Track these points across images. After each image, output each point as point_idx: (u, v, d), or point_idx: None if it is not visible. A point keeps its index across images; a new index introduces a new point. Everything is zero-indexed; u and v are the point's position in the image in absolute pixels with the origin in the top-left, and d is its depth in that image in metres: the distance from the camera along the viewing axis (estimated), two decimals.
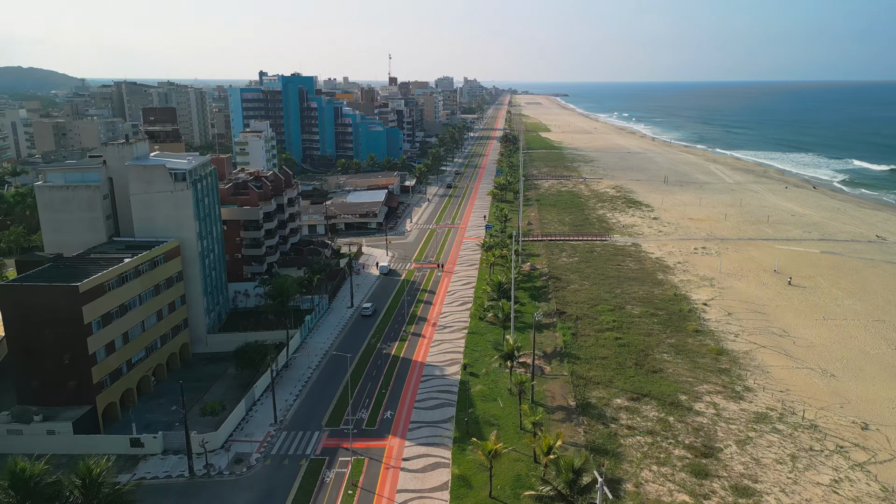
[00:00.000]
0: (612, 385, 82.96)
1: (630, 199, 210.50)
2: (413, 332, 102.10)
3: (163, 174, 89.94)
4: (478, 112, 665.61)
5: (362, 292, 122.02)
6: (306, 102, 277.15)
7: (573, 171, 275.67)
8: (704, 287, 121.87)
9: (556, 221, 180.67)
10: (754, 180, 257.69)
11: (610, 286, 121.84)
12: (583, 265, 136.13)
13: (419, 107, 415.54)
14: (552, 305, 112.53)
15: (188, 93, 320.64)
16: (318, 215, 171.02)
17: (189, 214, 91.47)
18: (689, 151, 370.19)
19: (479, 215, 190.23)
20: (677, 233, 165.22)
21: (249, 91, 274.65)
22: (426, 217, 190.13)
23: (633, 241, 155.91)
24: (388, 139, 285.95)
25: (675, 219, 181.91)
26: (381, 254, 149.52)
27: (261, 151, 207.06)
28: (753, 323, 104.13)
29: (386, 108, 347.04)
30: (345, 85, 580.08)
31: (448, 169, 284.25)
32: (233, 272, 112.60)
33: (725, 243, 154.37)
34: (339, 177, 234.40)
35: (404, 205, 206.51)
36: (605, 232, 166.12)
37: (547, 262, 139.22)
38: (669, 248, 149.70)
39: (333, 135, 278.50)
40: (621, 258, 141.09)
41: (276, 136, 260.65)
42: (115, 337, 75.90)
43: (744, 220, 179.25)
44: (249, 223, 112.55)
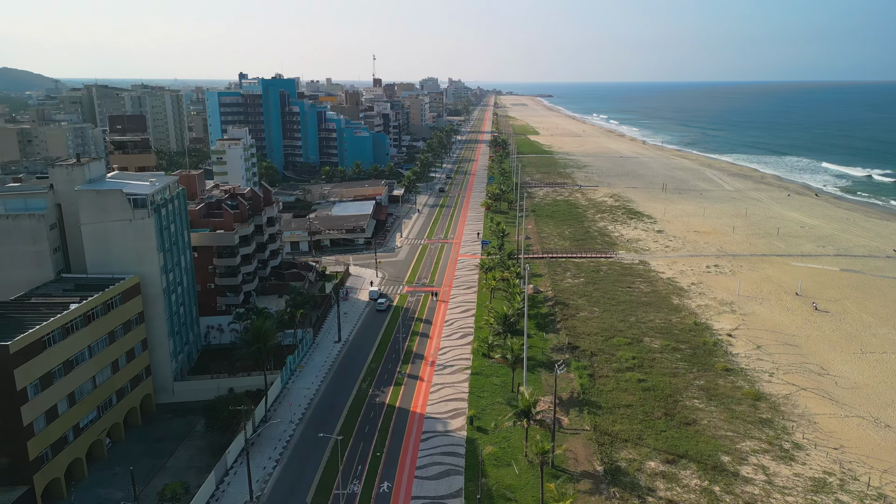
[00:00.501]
0: (642, 442, 72.09)
1: (630, 210, 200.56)
2: (409, 374, 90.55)
3: (119, 200, 77.59)
4: (464, 114, 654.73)
5: (350, 322, 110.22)
6: (288, 107, 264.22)
7: (567, 178, 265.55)
8: (725, 313, 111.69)
9: (555, 235, 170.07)
10: (754, 187, 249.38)
11: (623, 313, 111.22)
12: (590, 287, 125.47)
13: (405, 110, 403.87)
14: (562, 337, 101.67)
15: (163, 96, 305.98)
16: (302, 231, 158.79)
17: (151, 246, 79.19)
18: (682, 156, 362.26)
19: (473, 229, 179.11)
20: (685, 248, 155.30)
21: (228, 95, 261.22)
22: (417, 230, 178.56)
23: (640, 259, 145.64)
24: (375, 145, 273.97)
25: (681, 232, 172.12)
26: (369, 274, 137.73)
27: (239, 160, 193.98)
28: (786, 358, 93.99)
29: (371, 111, 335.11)
30: (328, 87, 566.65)
31: (437, 175, 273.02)
32: (205, 304, 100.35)
33: (738, 260, 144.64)
34: (324, 186, 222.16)
35: (393, 216, 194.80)
36: (610, 247, 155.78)
37: (551, 284, 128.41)
38: (680, 267, 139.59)
39: (317, 141, 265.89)
40: (630, 279, 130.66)
41: (257, 142, 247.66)
42: (58, 400, 63.61)
43: (753, 233, 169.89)
44: (223, 249, 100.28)
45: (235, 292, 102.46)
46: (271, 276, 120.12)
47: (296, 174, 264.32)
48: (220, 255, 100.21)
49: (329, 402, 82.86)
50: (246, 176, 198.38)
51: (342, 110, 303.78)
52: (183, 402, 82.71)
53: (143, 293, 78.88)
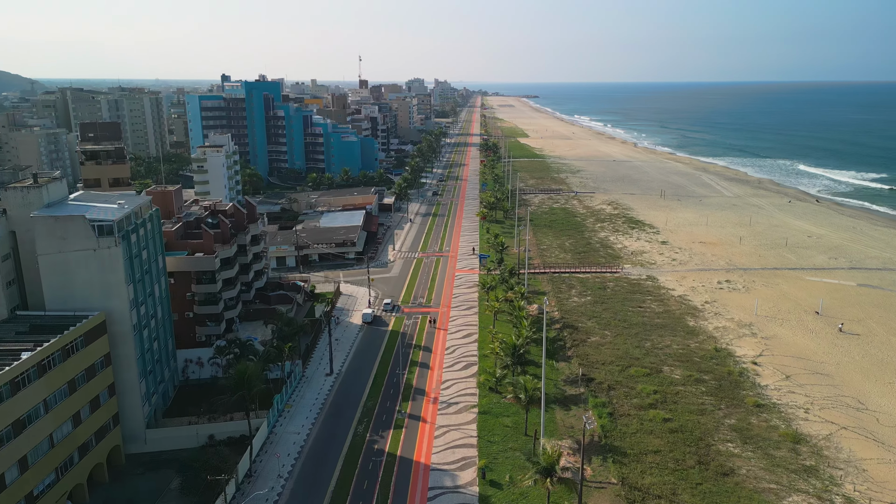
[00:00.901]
0: (677, 499, 64.07)
1: (630, 219, 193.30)
2: (410, 414, 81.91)
3: (82, 227, 68.24)
4: (451, 116, 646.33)
5: (343, 350, 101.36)
6: (272, 111, 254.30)
7: (562, 184, 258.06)
8: (746, 337, 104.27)
9: (555, 247, 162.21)
10: (752, 193, 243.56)
11: (637, 337, 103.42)
12: (598, 307, 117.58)
13: (393, 112, 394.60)
14: (574, 367, 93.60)
15: (142, 99, 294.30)
16: (288, 245, 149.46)
17: (119, 278, 69.92)
18: (674, 159, 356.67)
19: (469, 240, 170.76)
20: (693, 261, 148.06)
21: (209, 99, 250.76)
22: (410, 242, 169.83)
23: (647, 274, 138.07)
24: (363, 150, 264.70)
25: (686, 243, 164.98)
26: (362, 293, 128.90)
27: (221, 168, 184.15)
28: (819, 390, 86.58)
29: (359, 114, 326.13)
30: (313, 89, 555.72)
31: (428, 181, 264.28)
32: (182, 335, 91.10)
33: (750, 275, 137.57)
34: (311, 194, 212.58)
35: (384, 227, 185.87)
36: (614, 261, 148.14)
37: (556, 303, 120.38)
38: (690, 283, 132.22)
39: (303, 146, 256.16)
40: (640, 297, 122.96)
41: (240, 148, 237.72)
42: (7, 468, 54.31)
43: (760, 244, 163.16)
44: (203, 275, 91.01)
45: (216, 321, 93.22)
46: (256, 299, 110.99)
47: (281, 181, 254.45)
48: (200, 280, 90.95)
49: (322, 450, 74.00)
50: (228, 185, 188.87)
51: (329, 114, 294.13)
52: (157, 452, 73.48)
53: (110, 332, 69.60)
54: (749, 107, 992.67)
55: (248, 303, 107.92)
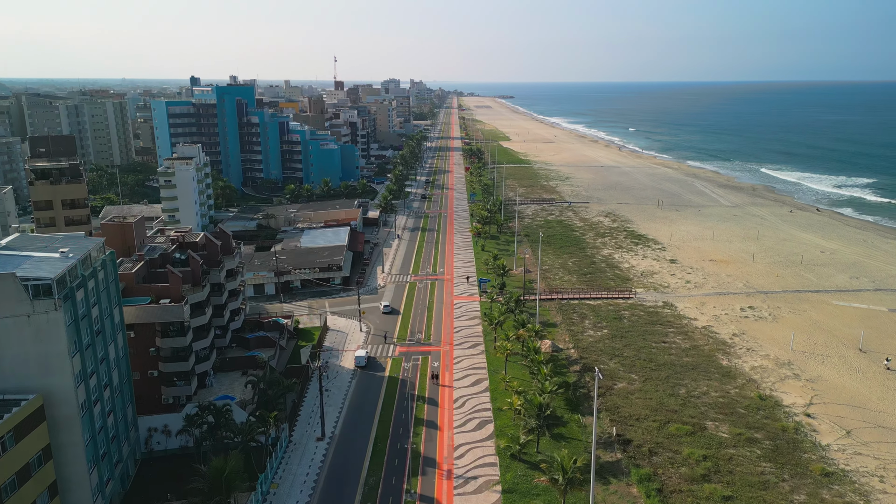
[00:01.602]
0: None
1: (632, 233, 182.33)
2: (422, 495, 68.69)
3: (12, 288, 53.82)
4: (430, 118, 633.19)
5: (335, 403, 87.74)
6: (246, 117, 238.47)
7: (553, 193, 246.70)
8: (788, 380, 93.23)
9: (558, 267, 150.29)
10: (750, 201, 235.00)
11: (668, 382, 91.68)
12: (618, 343, 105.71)
13: (371, 116, 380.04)
14: (604, 423, 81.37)
15: (104, 104, 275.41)
16: (267, 271, 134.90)
17: (60, 350, 55.65)
18: (662, 164, 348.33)
19: (464, 259, 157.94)
20: (708, 283, 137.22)
21: (178, 105, 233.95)
22: (400, 262, 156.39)
23: (663, 300, 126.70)
24: (343, 158, 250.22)
25: (696, 261, 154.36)
26: (351, 328, 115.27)
27: (191, 183, 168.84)
28: (888, 449, 75.65)
29: (337, 119, 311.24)
30: (287, 90, 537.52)
31: (412, 191, 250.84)
32: (145, 398, 76.69)
33: (773, 299, 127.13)
34: (289, 207, 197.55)
35: (371, 244, 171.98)
36: (624, 283, 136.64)
37: (570, 338, 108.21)
38: (712, 310, 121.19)
39: (279, 154, 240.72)
40: (662, 329, 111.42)
41: (211, 157, 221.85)
42: None
43: (774, 261, 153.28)
44: (170, 326, 76.57)
45: (186, 379, 78.82)
46: (233, 343, 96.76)
47: (256, 192, 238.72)
48: (166, 333, 76.47)
49: None
50: (199, 200, 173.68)
51: (306, 119, 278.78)
52: None
53: (50, 417, 55.35)
54: (729, 107, 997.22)
55: (224, 349, 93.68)
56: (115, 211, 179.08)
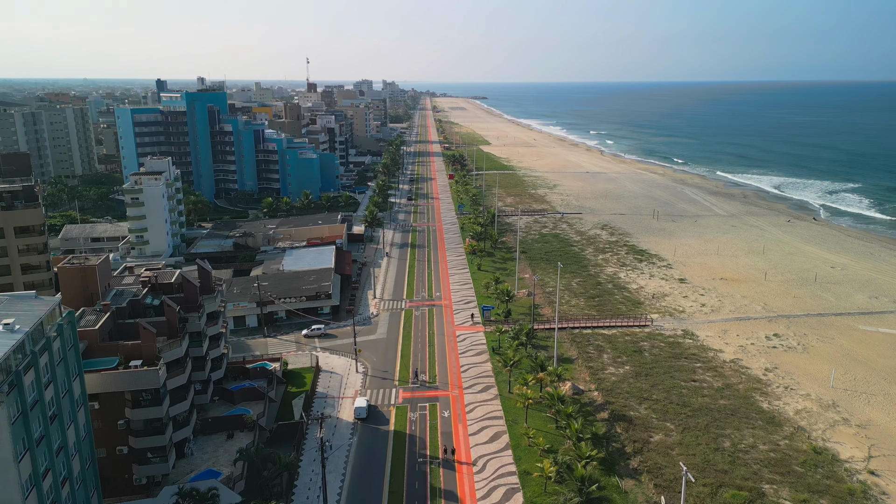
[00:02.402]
0: None
1: (633, 248, 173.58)
2: None
3: None
4: (406, 120, 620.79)
5: (335, 471, 75.97)
6: (218, 125, 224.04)
7: (543, 203, 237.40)
8: (838, 426, 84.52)
9: (562, 288, 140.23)
10: (745, 210, 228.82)
11: (709, 433, 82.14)
12: (643, 381, 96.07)
13: (348, 120, 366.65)
14: (646, 488, 71.35)
15: (64, 111, 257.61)
16: (248, 301, 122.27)
17: (3, 456, 43.33)
18: (647, 169, 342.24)
19: (461, 280, 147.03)
20: (725, 307, 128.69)
21: (144, 112, 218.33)
22: (392, 286, 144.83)
23: (682, 328, 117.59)
24: (322, 167, 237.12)
25: (705, 279, 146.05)
26: (345, 367, 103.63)
27: (160, 200, 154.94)
28: None
29: (314, 125, 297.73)
30: (258, 94, 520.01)
31: (396, 201, 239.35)
32: (113, 480, 64.30)
33: (796, 324, 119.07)
34: (267, 223, 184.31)
35: (358, 264, 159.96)
36: (636, 308, 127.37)
37: (591, 377, 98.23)
38: (736, 338, 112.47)
39: (254, 165, 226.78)
40: (688, 365, 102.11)
41: (181, 168, 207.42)
42: None
43: (787, 279, 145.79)
44: (142, 394, 64.23)
45: (162, 455, 66.46)
46: (215, 397, 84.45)
47: (230, 204, 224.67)
48: (138, 403, 64.12)
49: None
50: (170, 218, 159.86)
51: (282, 126, 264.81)
52: None
53: None
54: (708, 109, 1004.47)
55: (206, 406, 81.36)
56: (76, 231, 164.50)
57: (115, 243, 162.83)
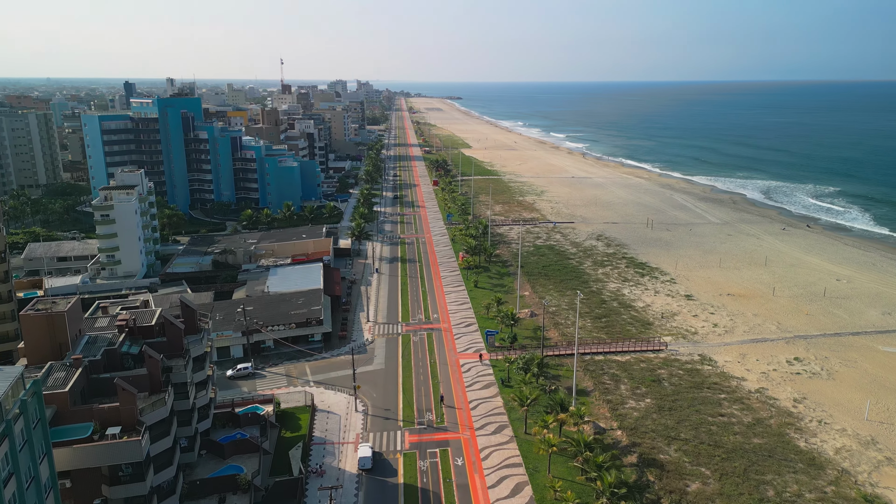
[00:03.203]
0: None
1: (632, 260, 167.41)
2: None
3: None
4: (382, 122, 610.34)
5: None
6: (193, 132, 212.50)
7: (533, 211, 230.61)
8: (883, 466, 78.64)
9: (565, 307, 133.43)
10: (738, 217, 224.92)
11: (749, 478, 75.46)
12: (668, 417, 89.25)
13: (326, 124, 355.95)
14: None
15: (27, 117, 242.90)
16: (233, 330, 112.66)
17: None
18: (630, 172, 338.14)
19: (458, 300, 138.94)
20: (737, 326, 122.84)
21: (112, 119, 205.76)
22: (386, 307, 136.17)
23: (698, 353, 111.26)
24: (304, 175, 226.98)
25: (712, 295, 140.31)
26: (343, 404, 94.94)
27: (133, 217, 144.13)
28: None
29: (292, 129, 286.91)
30: (231, 96, 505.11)
31: (380, 210, 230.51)
32: None
33: (815, 346, 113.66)
34: (248, 237, 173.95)
35: (347, 282, 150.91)
36: (646, 329, 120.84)
37: (611, 412, 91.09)
38: (755, 363, 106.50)
39: (232, 173, 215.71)
40: (711, 395, 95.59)
41: (153, 178, 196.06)
42: None
43: (796, 295, 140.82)
44: (121, 469, 54.93)
45: None
46: (203, 451, 75.10)
47: (206, 215, 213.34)
48: (117, 479, 54.83)
49: None
50: (144, 235, 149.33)
51: (260, 132, 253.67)
52: None
53: None
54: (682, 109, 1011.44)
55: (193, 465, 72.01)
56: (41, 249, 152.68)
57: (83, 263, 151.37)
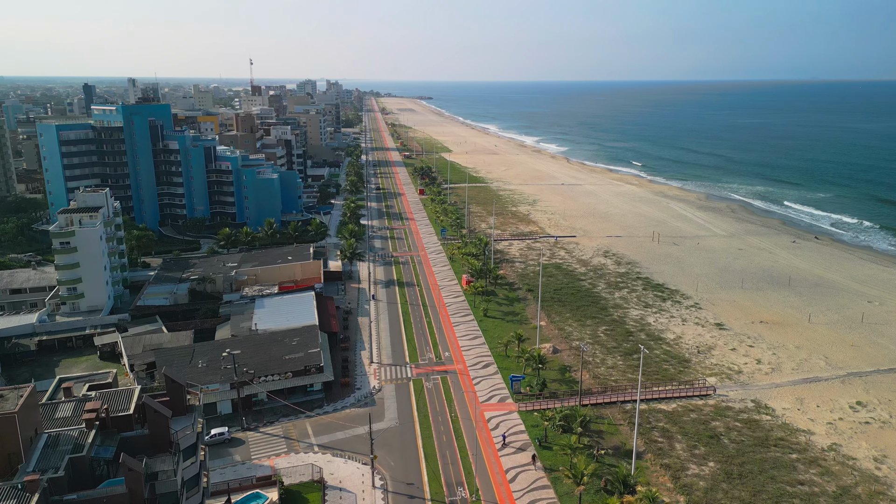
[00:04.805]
0: None
1: (648, 281, 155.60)
2: None
3: None
4: (356, 124, 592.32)
5: None
6: (162, 142, 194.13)
7: (530, 223, 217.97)
8: None
9: (588, 338, 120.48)
10: (743, 228, 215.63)
11: None
12: (739, 487, 76.70)
13: (302, 128, 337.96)
14: None
15: None
16: (220, 383, 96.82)
17: None
18: (621, 179, 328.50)
19: (468, 331, 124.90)
20: (783, 362, 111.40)
21: (72, 128, 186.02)
22: (388, 342, 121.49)
23: (750, 397, 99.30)
24: (284, 187, 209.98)
25: (743, 322, 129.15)
26: (359, 480, 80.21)
27: (98, 244, 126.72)
28: None
29: (268, 136, 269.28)
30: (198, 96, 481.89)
31: (367, 222, 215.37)
32: None
33: (874, 386, 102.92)
34: (227, 260, 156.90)
35: (342, 312, 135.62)
36: (684, 368, 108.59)
37: (671, 479, 78.26)
38: (815, 409, 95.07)
39: (206, 186, 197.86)
40: (781, 455, 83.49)
41: (118, 192, 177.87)
42: None
43: (833, 322, 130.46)
44: None
45: None
46: None
47: (178, 232, 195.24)
48: None
49: None
50: (110, 263, 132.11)
51: (235, 140, 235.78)
52: None
53: None
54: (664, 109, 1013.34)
55: None
56: None
57: (40, 295, 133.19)
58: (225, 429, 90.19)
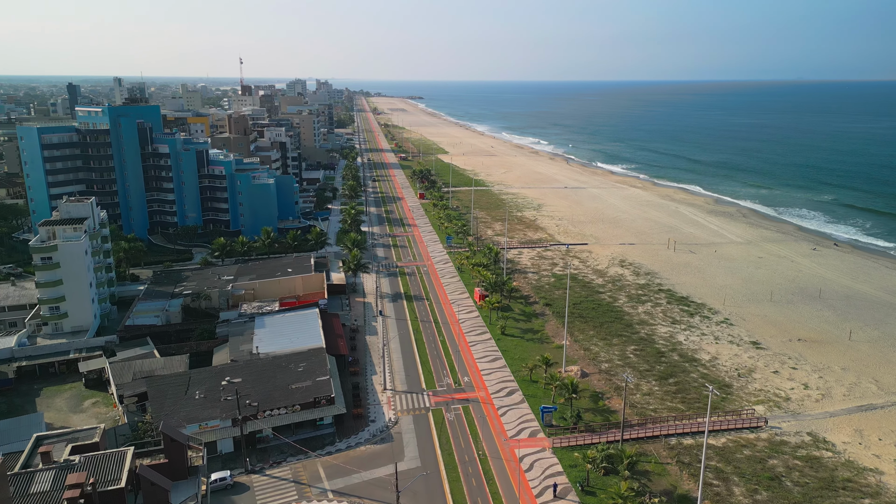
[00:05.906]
0: None
1: (671, 294, 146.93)
2: None
3: None
4: (349, 124, 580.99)
5: None
6: (151, 146, 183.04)
7: (538, 230, 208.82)
8: None
9: (617, 361, 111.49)
10: (760, 235, 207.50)
11: None
12: None
13: (296, 129, 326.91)
14: None
15: None
16: (220, 419, 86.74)
17: None
18: (626, 182, 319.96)
19: (486, 352, 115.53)
20: (833, 388, 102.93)
21: (55, 132, 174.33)
22: (401, 365, 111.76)
23: (805, 429, 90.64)
24: (280, 192, 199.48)
25: (779, 341, 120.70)
26: None
27: (82, 258, 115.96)
28: None
29: (262, 138, 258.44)
30: (186, 96, 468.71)
31: (368, 229, 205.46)
32: None
33: None
34: (222, 272, 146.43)
35: (349, 330, 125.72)
36: (726, 395, 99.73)
37: None
38: (880, 444, 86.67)
39: (198, 192, 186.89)
40: (852, 501, 74.83)
41: (104, 199, 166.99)
42: None
43: (875, 339, 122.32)
44: None
45: None
46: None
47: (168, 241, 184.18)
48: None
49: None
50: (96, 279, 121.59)
51: (228, 143, 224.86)
52: None
53: None
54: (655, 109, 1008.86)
55: None
56: None
57: (20, 313, 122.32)
58: (227, 473, 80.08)
